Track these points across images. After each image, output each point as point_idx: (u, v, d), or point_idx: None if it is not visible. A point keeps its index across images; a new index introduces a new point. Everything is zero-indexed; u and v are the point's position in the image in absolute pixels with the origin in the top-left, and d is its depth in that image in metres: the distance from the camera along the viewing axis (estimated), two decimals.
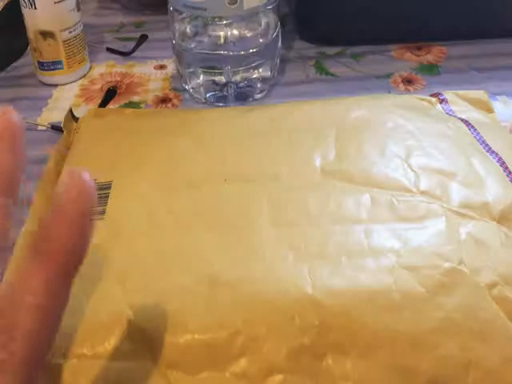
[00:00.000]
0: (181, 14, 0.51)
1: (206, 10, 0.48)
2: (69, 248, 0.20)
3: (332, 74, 0.58)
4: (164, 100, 0.55)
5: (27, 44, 0.57)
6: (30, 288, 0.20)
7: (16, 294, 0.20)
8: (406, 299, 0.30)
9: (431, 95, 0.48)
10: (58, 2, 0.53)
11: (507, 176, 0.38)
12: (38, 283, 0.20)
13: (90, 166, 0.40)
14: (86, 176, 0.21)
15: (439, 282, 0.31)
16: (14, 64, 0.60)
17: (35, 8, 0.53)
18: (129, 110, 0.49)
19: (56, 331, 0.21)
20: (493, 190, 0.36)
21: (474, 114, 0.45)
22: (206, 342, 0.29)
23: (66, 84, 0.57)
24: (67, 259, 0.20)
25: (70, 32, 0.55)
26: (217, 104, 0.53)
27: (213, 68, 0.52)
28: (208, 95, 0.53)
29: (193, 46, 0.52)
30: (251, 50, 0.51)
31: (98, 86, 0.57)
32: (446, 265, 0.32)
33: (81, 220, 0.20)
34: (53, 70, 0.56)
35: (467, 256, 0.32)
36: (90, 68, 0.60)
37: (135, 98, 0.55)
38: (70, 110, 0.47)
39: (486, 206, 0.35)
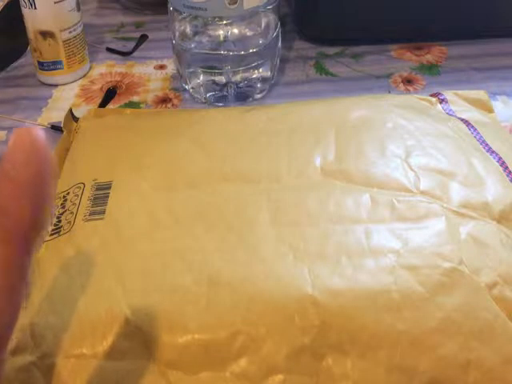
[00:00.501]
0: (181, 14, 0.51)
1: (206, 10, 0.48)
2: (25, 220, 0.17)
3: (332, 74, 0.58)
4: (164, 100, 0.55)
5: (27, 44, 0.57)
6: None
7: None
8: (405, 299, 0.30)
9: (431, 95, 0.48)
10: (58, 2, 0.53)
11: (507, 176, 0.38)
12: None
13: (89, 165, 0.40)
14: (37, 132, 0.18)
15: (439, 282, 0.31)
16: (14, 64, 0.60)
17: (35, 8, 0.53)
18: (129, 110, 0.50)
19: (18, 311, 0.18)
20: (493, 189, 0.36)
21: (474, 114, 0.45)
22: (206, 341, 0.29)
23: (66, 84, 0.57)
24: (24, 233, 0.18)
25: (70, 32, 0.55)
26: (217, 104, 0.53)
27: (213, 68, 0.52)
28: (208, 95, 0.53)
29: (193, 46, 0.52)
30: (251, 50, 0.51)
31: (98, 86, 0.57)
32: (446, 265, 0.32)
33: (35, 186, 0.17)
34: (53, 69, 0.57)
35: (467, 256, 0.32)
36: (90, 68, 0.60)
37: (135, 98, 0.55)
38: (70, 110, 0.47)
39: (485, 206, 0.35)
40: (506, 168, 0.39)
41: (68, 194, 0.38)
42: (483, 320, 0.30)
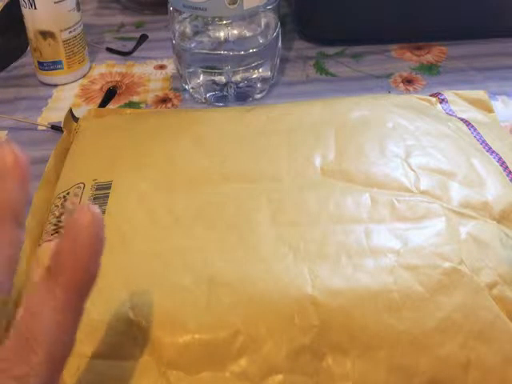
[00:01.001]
0: (181, 14, 0.51)
1: (206, 10, 0.48)
2: (83, 272, 0.23)
3: (332, 74, 0.58)
4: (164, 100, 0.55)
5: (27, 44, 0.57)
6: (50, 306, 0.22)
7: (37, 311, 0.22)
8: (405, 299, 0.30)
9: (431, 95, 0.48)
10: (58, 2, 0.53)
11: (507, 176, 0.38)
12: (57, 302, 0.22)
13: (89, 165, 0.40)
14: (95, 209, 0.23)
15: (439, 282, 0.31)
16: (14, 64, 0.60)
17: (35, 8, 0.53)
18: (129, 110, 0.50)
19: (73, 343, 0.23)
20: (493, 189, 0.36)
21: (474, 114, 0.45)
22: (206, 341, 0.29)
23: (66, 84, 0.57)
24: (81, 281, 0.23)
25: (70, 32, 0.55)
26: (217, 104, 0.53)
27: (213, 68, 0.52)
28: (208, 95, 0.53)
29: (193, 45, 0.52)
30: (251, 50, 0.51)
31: (97, 86, 0.57)
32: (446, 265, 0.32)
33: (92, 249, 0.23)
34: (53, 70, 0.57)
35: (467, 256, 0.32)
36: (90, 68, 0.60)
37: (135, 98, 0.55)
38: (70, 110, 0.47)
39: (486, 206, 0.35)
40: (506, 168, 0.39)
41: (68, 193, 0.38)
42: (483, 320, 0.30)
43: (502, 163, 0.39)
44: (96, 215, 0.23)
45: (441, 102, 0.46)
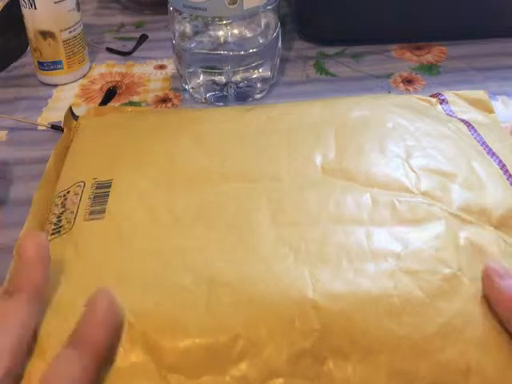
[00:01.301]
0: (181, 14, 0.51)
1: (206, 10, 0.48)
2: (98, 345, 0.28)
3: (332, 74, 0.58)
4: (164, 100, 0.55)
5: (27, 44, 0.57)
6: (72, 372, 0.27)
7: (60, 375, 0.27)
8: (405, 304, 0.30)
9: (431, 95, 0.48)
10: (58, 2, 0.53)
11: (507, 179, 0.38)
12: (77, 369, 0.27)
13: (89, 164, 0.40)
14: (110, 295, 0.29)
15: (439, 288, 0.31)
16: (14, 64, 0.60)
17: (35, 8, 0.53)
18: (129, 108, 0.50)
19: None
20: (493, 193, 0.36)
21: (474, 115, 0.45)
22: (207, 345, 0.29)
23: (66, 84, 0.58)
24: (98, 351, 0.28)
25: (70, 32, 0.55)
26: (217, 104, 0.53)
27: (213, 68, 0.52)
28: (208, 95, 0.53)
29: (193, 45, 0.52)
30: (251, 50, 0.51)
31: (97, 86, 0.57)
32: (446, 270, 0.32)
33: (107, 327, 0.28)
34: (53, 70, 0.57)
35: (466, 262, 0.32)
36: (90, 68, 0.60)
37: (135, 98, 0.55)
38: (70, 108, 0.47)
39: (485, 211, 0.35)
40: (507, 171, 0.38)
41: (68, 192, 0.38)
42: (483, 326, 0.30)
43: (503, 166, 0.39)
44: (107, 299, 0.29)
45: (441, 103, 0.46)
